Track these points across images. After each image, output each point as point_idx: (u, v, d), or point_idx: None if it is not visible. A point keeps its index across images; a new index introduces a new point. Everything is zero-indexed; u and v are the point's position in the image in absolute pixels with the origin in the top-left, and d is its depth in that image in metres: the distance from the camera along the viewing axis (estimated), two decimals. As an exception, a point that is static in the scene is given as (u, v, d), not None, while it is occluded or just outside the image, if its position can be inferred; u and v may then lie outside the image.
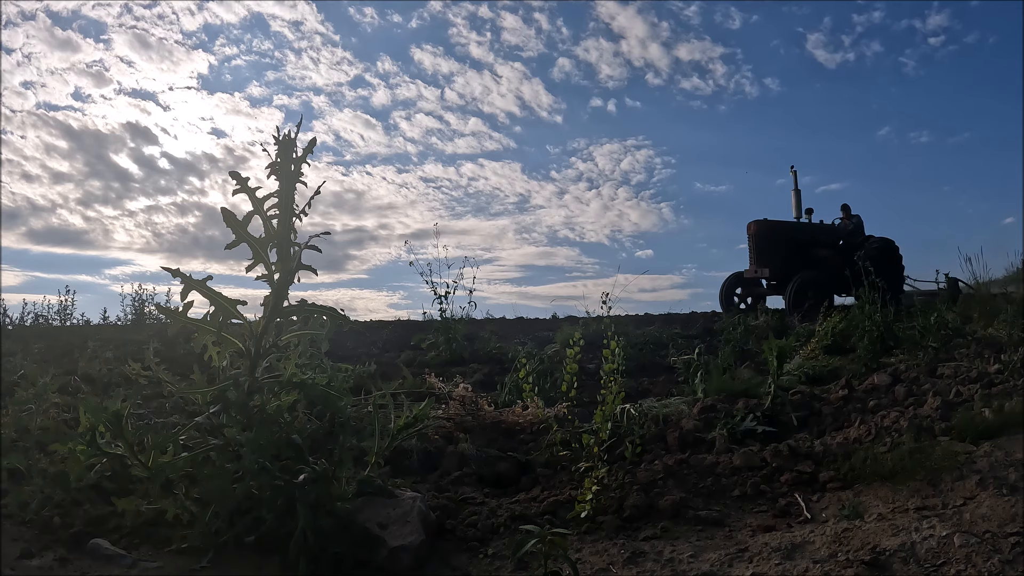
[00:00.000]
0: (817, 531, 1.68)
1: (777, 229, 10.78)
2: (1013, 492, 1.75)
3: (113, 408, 1.51)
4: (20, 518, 1.65)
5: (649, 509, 1.91)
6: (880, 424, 2.47)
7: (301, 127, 1.59)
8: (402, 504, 1.68)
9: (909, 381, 3.23)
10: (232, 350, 1.62)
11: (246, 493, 1.54)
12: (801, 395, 3.09)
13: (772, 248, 10.58)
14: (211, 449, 1.60)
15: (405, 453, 2.34)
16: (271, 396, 1.67)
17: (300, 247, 1.58)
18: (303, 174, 1.59)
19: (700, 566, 1.54)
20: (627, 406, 2.78)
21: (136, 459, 1.55)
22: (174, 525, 1.55)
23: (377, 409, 1.95)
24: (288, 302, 1.61)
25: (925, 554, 1.48)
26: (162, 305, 1.70)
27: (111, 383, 3.42)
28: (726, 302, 10.91)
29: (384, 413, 1.94)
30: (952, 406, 2.59)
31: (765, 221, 10.78)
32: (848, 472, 2.07)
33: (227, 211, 1.51)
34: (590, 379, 3.36)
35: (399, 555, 1.54)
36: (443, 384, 3.29)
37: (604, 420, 1.98)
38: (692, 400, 3.02)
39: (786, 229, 10.91)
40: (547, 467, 2.32)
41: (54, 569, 1.43)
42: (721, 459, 2.26)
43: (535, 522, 1.80)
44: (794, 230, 11.00)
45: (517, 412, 2.77)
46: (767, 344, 3.02)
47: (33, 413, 2.24)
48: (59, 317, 8.08)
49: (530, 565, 1.52)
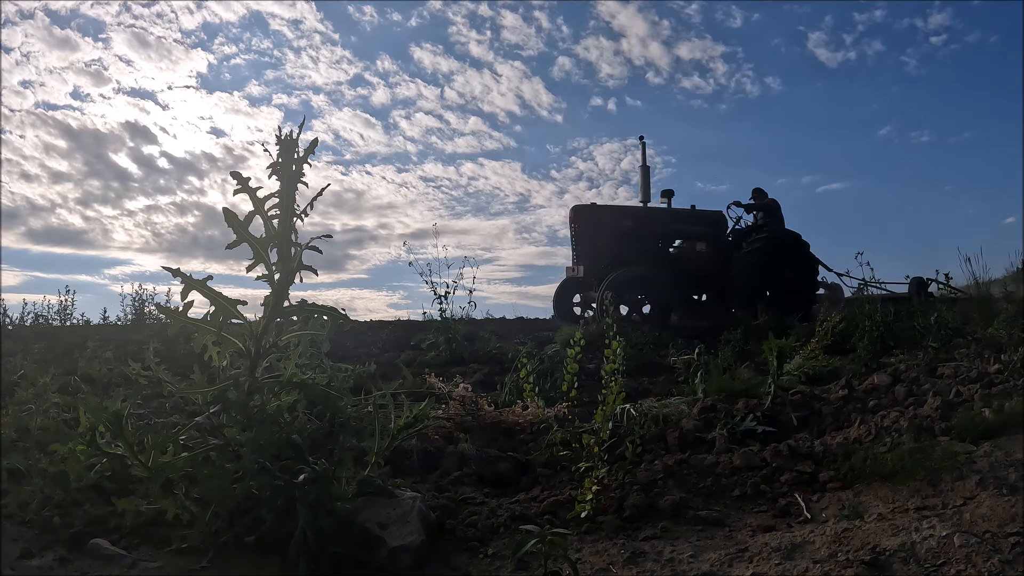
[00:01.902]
0: (817, 531, 1.68)
1: (604, 216, 8.37)
2: (1013, 492, 1.75)
3: (113, 408, 1.51)
4: (20, 518, 1.65)
5: (649, 509, 1.91)
6: (880, 424, 2.47)
7: (302, 127, 1.59)
8: (402, 504, 1.68)
9: (909, 381, 3.23)
10: (232, 350, 1.62)
11: (246, 493, 1.54)
12: (801, 395, 3.09)
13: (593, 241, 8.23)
14: (211, 449, 1.60)
15: (405, 453, 2.34)
16: (271, 396, 1.67)
17: (301, 247, 1.58)
18: (304, 174, 1.59)
19: (700, 566, 1.54)
20: (627, 406, 2.78)
21: (136, 459, 1.55)
22: (174, 525, 1.55)
23: (377, 409, 1.95)
24: (288, 302, 1.61)
25: (925, 554, 1.48)
26: (162, 305, 1.70)
27: (111, 383, 3.42)
28: (562, 310, 8.55)
29: (384, 413, 1.94)
30: (952, 406, 2.59)
31: (589, 206, 8.53)
32: (848, 472, 2.07)
33: (229, 211, 1.51)
34: (590, 379, 3.37)
35: (399, 555, 1.54)
36: (443, 384, 3.29)
37: (604, 420, 1.98)
38: (692, 400, 3.02)
39: (615, 216, 8.44)
40: (547, 467, 2.32)
41: (54, 569, 1.43)
42: (721, 459, 2.26)
43: (535, 522, 1.80)
44: (629, 217, 8.45)
45: (517, 412, 2.77)
46: (767, 344, 3.02)
47: (33, 413, 2.23)
48: (59, 317, 8.08)
49: (530, 565, 1.53)
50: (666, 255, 8.52)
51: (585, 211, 8.39)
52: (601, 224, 8.25)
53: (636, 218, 8.49)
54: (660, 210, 8.75)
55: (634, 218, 8.48)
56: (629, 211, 8.65)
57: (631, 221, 8.37)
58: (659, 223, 8.60)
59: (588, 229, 8.26)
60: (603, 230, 8.21)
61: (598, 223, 8.27)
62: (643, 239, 8.23)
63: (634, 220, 8.42)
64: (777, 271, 8.00)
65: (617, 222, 8.29)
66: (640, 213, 8.61)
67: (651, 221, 8.55)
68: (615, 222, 8.28)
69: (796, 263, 8.18)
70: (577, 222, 8.32)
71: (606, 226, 8.23)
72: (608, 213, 8.46)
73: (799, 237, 8.35)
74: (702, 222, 8.71)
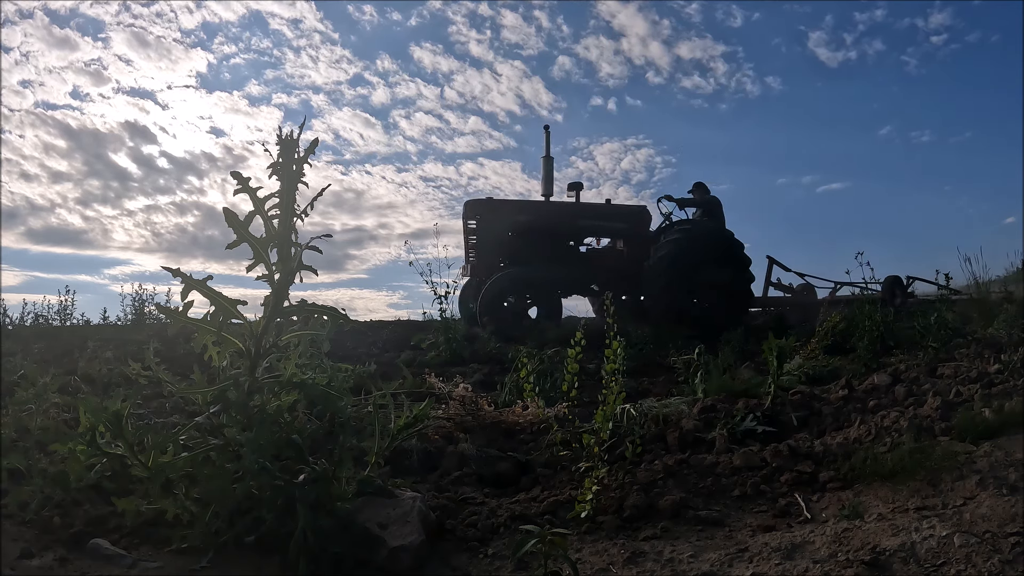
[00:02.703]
0: (817, 531, 1.68)
1: (500, 211, 7.49)
2: (1013, 492, 1.75)
3: (113, 408, 1.51)
4: (20, 518, 1.65)
5: (649, 509, 1.91)
6: (880, 424, 2.47)
7: (303, 127, 1.59)
8: (402, 504, 1.68)
9: (909, 381, 3.23)
10: (232, 350, 1.62)
11: (246, 493, 1.54)
12: (801, 395, 3.09)
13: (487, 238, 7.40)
14: (211, 449, 1.60)
15: (405, 453, 2.34)
16: (271, 396, 1.67)
17: (301, 247, 1.58)
18: (304, 174, 1.59)
19: (700, 566, 1.54)
20: (627, 406, 2.78)
21: (136, 459, 1.55)
22: (174, 525, 1.55)
23: (377, 409, 1.95)
24: (288, 302, 1.61)
25: (925, 554, 1.48)
26: (162, 305, 1.70)
27: (111, 383, 3.42)
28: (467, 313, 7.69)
29: (384, 413, 1.94)
30: (952, 406, 2.59)
31: (485, 201, 7.61)
32: (848, 472, 2.07)
33: (229, 211, 1.51)
34: (590, 379, 3.37)
35: (399, 555, 1.54)
36: (443, 384, 3.29)
37: (604, 420, 1.98)
38: (692, 400, 3.02)
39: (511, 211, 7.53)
40: (547, 467, 2.32)
41: (54, 569, 1.43)
42: (721, 459, 2.26)
43: (535, 522, 1.80)
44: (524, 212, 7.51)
45: (517, 412, 2.77)
46: (767, 344, 3.02)
47: (33, 413, 2.23)
48: (59, 317, 8.09)
49: (530, 565, 1.53)
50: (570, 254, 7.60)
51: (481, 206, 7.52)
52: (497, 220, 7.40)
53: (533, 213, 7.52)
54: (563, 205, 7.82)
55: (530, 213, 7.51)
56: (525, 206, 7.78)
57: (527, 216, 7.43)
58: (560, 219, 7.62)
59: (484, 226, 7.43)
60: (499, 227, 7.36)
61: (494, 219, 7.42)
62: (541, 236, 7.34)
63: (530, 215, 7.46)
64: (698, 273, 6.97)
65: (513, 218, 7.40)
66: (538, 208, 7.67)
67: (550, 216, 7.58)
68: (511, 218, 7.40)
69: (726, 265, 7.08)
70: (473, 218, 7.48)
71: (502, 223, 7.38)
72: (504, 208, 7.57)
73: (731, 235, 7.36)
74: (620, 218, 7.77)
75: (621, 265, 7.67)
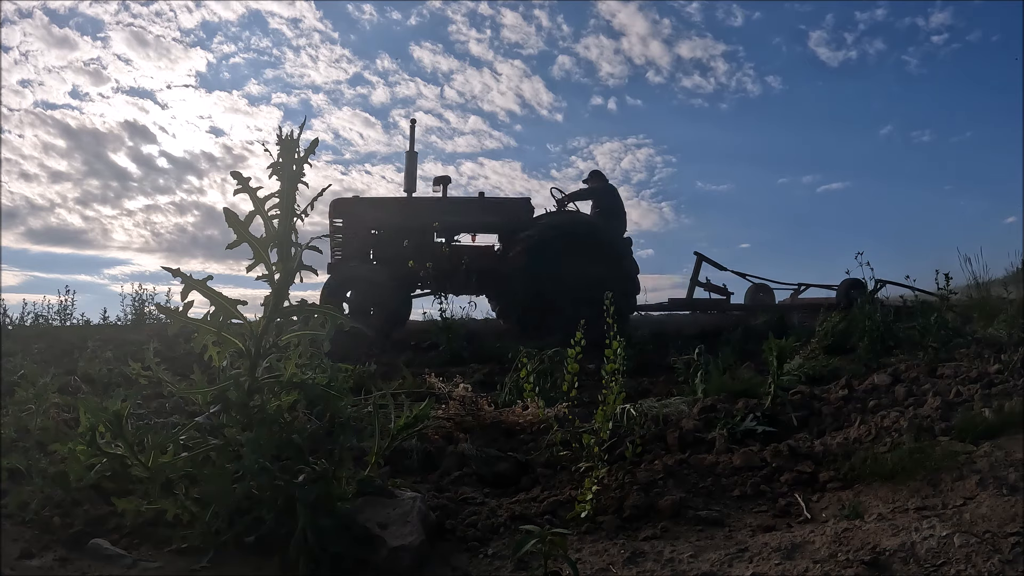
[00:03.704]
0: (817, 531, 1.68)
1: (362, 209, 7.22)
2: (1013, 492, 1.75)
3: (113, 408, 1.51)
4: (20, 518, 1.65)
5: (649, 509, 1.91)
6: (880, 424, 2.47)
7: (303, 127, 1.59)
8: (402, 504, 1.68)
9: (909, 381, 3.23)
10: (232, 350, 1.62)
11: (246, 493, 1.54)
12: (801, 395, 3.09)
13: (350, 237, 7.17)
14: (211, 449, 1.60)
15: (405, 453, 2.34)
16: (271, 396, 1.67)
17: (301, 247, 1.58)
18: (304, 174, 1.59)
19: (700, 566, 1.54)
20: (627, 406, 2.78)
21: (136, 459, 1.55)
22: (174, 525, 1.55)
23: (377, 409, 1.95)
24: (288, 302, 1.61)
25: (925, 554, 1.48)
26: (162, 305, 1.70)
27: (111, 383, 3.41)
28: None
29: (384, 413, 1.94)
30: (952, 406, 2.59)
31: (351, 199, 7.29)
32: (848, 472, 2.07)
33: (229, 211, 1.51)
34: (590, 379, 3.37)
35: (399, 555, 1.54)
36: (443, 384, 3.29)
37: (604, 420, 1.98)
38: (692, 400, 3.02)
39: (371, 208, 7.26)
40: (547, 467, 2.32)
41: (54, 569, 1.43)
42: (721, 459, 2.26)
43: (535, 522, 1.80)
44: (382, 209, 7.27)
45: (517, 412, 2.77)
46: (767, 344, 3.02)
47: (33, 413, 2.23)
48: (59, 317, 8.11)
49: (530, 565, 1.53)
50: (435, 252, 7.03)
51: (345, 204, 7.22)
52: (361, 219, 7.19)
53: (390, 210, 7.22)
54: (427, 200, 7.42)
55: (387, 210, 7.22)
56: (383, 203, 7.41)
57: (384, 213, 7.17)
58: (421, 215, 7.19)
59: (349, 225, 7.19)
60: (362, 226, 7.17)
61: (358, 218, 7.18)
62: (401, 234, 7.09)
63: (387, 212, 7.18)
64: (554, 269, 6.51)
65: (372, 215, 7.18)
66: (395, 204, 7.30)
67: (410, 213, 7.20)
68: (371, 215, 7.19)
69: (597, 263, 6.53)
70: (339, 218, 7.19)
71: (365, 221, 7.19)
72: (367, 206, 7.26)
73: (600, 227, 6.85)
74: (494, 213, 7.31)
75: (492, 263, 7.20)
